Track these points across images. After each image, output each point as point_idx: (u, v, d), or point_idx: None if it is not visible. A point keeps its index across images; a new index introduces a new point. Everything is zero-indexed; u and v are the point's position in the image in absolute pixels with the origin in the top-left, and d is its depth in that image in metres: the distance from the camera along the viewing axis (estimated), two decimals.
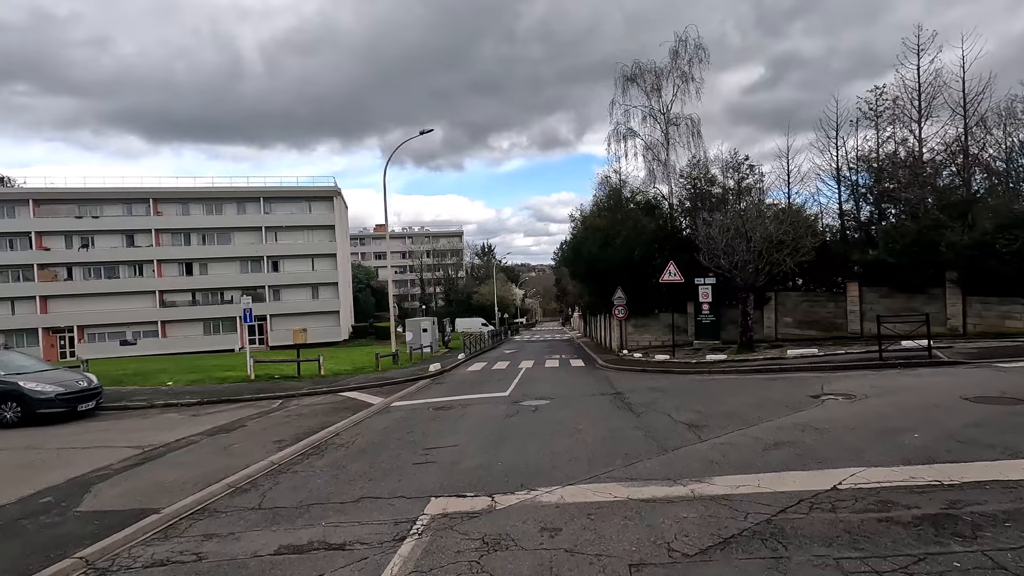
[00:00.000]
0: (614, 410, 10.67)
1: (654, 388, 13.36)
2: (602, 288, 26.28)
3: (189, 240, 54.34)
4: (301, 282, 56.08)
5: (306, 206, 56.78)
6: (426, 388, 16.83)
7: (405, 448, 8.64)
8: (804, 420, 8.34)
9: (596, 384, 15.30)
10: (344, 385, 16.95)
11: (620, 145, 28.42)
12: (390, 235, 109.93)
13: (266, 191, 55.26)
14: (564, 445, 7.94)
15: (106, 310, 51.27)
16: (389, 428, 10.50)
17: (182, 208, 54.03)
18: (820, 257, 19.01)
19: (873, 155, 22.51)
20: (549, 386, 15.28)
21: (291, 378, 18.25)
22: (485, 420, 10.51)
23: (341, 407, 13.39)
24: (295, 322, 55.44)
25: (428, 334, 32.66)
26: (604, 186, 27.92)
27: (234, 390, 15.81)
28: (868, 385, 11.02)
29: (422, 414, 11.83)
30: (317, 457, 8.52)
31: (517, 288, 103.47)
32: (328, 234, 56.74)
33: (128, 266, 52.90)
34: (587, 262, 25.46)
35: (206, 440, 9.97)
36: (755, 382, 13.09)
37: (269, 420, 11.87)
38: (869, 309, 20.86)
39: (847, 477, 5.60)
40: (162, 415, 12.76)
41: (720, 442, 7.46)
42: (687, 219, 26.49)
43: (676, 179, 26.88)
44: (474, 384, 16.92)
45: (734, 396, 11.25)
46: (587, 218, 26.93)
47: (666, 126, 27.54)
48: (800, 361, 15.51)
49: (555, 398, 12.76)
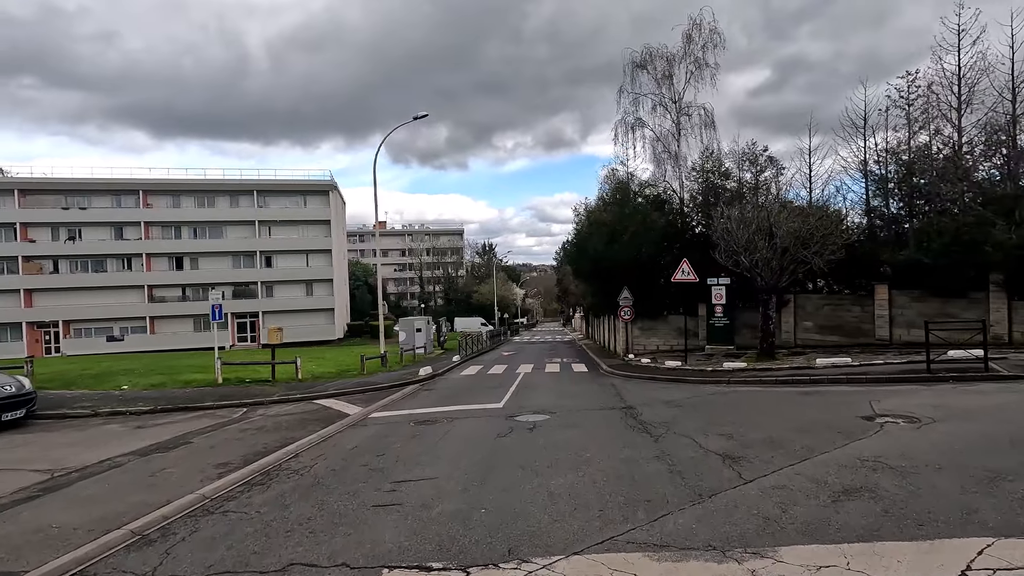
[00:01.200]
0: (626, 430, 8.97)
1: (670, 402, 11.65)
2: (607, 288, 24.58)
3: (180, 233, 52.71)
4: (295, 278, 54.44)
5: (301, 200, 55.12)
6: (412, 396, 15.14)
7: (370, 479, 6.96)
8: (869, 453, 6.64)
9: (602, 394, 13.60)
10: (321, 391, 15.27)
11: (628, 136, 26.72)
12: (389, 231, 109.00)
13: (260, 184, 53.60)
14: (567, 483, 6.25)
15: (93, 305, 49.65)
16: (359, 448, 8.81)
17: (173, 200, 52.39)
18: (845, 257, 17.28)
19: (903, 147, 20.77)
20: (549, 396, 13.60)
21: (264, 382, 16.58)
22: (472, 441, 8.81)
23: (312, 418, 11.72)
24: (288, 320, 53.79)
25: (422, 334, 30.98)
26: (610, 180, 26.24)
27: (195, 396, 14.13)
28: (928, 405, 9.32)
29: (401, 430, 10.15)
30: (261, 489, 6.85)
31: (518, 288, 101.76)
32: (323, 229, 55.07)
33: (116, 259, 51.28)
34: (591, 259, 23.76)
35: (135, 462, 8.29)
36: (787, 397, 11.38)
37: (222, 435, 10.19)
38: (900, 314, 19.15)
39: (975, 556, 3.90)
40: (103, 426, 11.08)
41: (770, 484, 5.76)
42: (699, 215, 24.78)
43: (687, 172, 25.18)
44: (466, 392, 15.24)
45: (768, 415, 9.55)
46: (592, 213, 25.22)
47: (677, 116, 25.82)
48: (832, 372, 13.80)
49: (556, 412, 11.07)
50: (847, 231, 17.42)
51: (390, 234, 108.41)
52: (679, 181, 25.44)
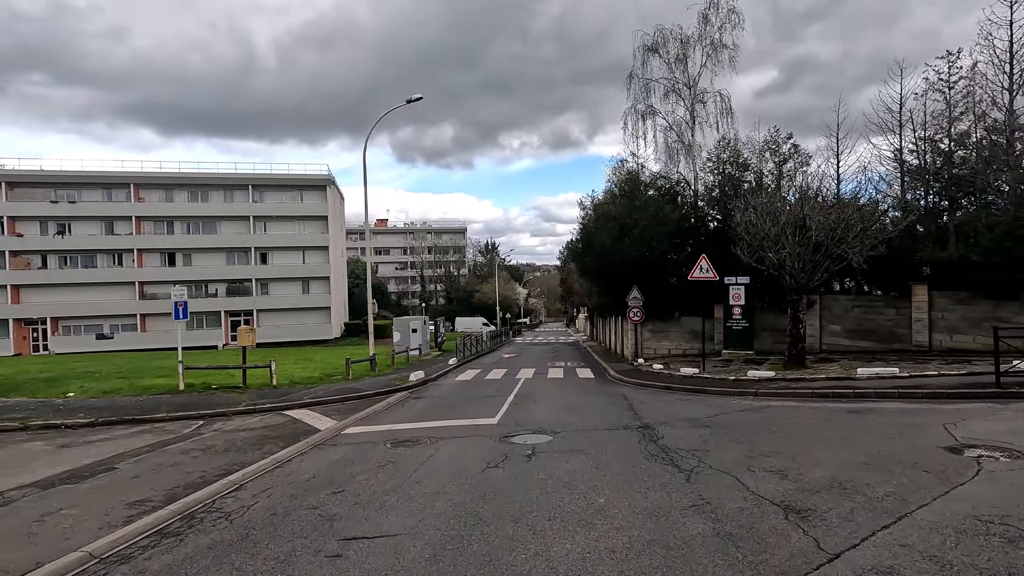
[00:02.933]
0: (647, 461, 7.23)
1: (694, 420, 9.90)
2: (614, 286, 22.85)
3: (172, 228, 51.14)
4: (291, 275, 52.83)
5: (297, 195, 53.49)
6: (397, 406, 13.43)
7: (315, 532, 5.25)
8: (985, 507, 4.89)
9: (612, 407, 11.86)
10: (295, 400, 13.58)
11: (638, 125, 24.94)
12: (391, 229, 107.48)
13: (255, 178, 51.98)
14: (575, 551, 4.52)
15: (82, 301, 48.14)
16: (315, 481, 7.11)
17: (165, 194, 50.82)
18: (884, 253, 15.48)
19: (940, 134, 18.95)
20: (551, 409, 11.86)
21: (233, 389, 14.89)
22: (455, 474, 7.09)
23: (274, 435, 10.02)
24: (284, 318, 52.22)
25: (418, 335, 29.30)
26: (619, 172, 24.46)
27: (148, 406, 12.45)
28: (1022, 431, 7.55)
29: (373, 454, 8.44)
30: (170, 545, 5.15)
31: (521, 287, 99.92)
32: (320, 225, 53.44)
33: (106, 255, 49.75)
34: (598, 256, 21.99)
35: (28, 499, 6.60)
36: (836, 417, 9.61)
37: (158, 458, 8.50)
38: (940, 318, 17.34)
39: None
40: (23, 444, 9.41)
41: (868, 565, 4.00)
42: (715, 209, 23.01)
43: (702, 164, 23.40)
44: (457, 403, 13.51)
45: (821, 442, 7.79)
46: (599, 206, 23.43)
47: (692, 103, 24.03)
48: (878, 384, 12.01)
49: (559, 431, 9.34)
50: (890, 223, 15.50)
51: (391, 232, 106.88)
52: (693, 173, 23.68)
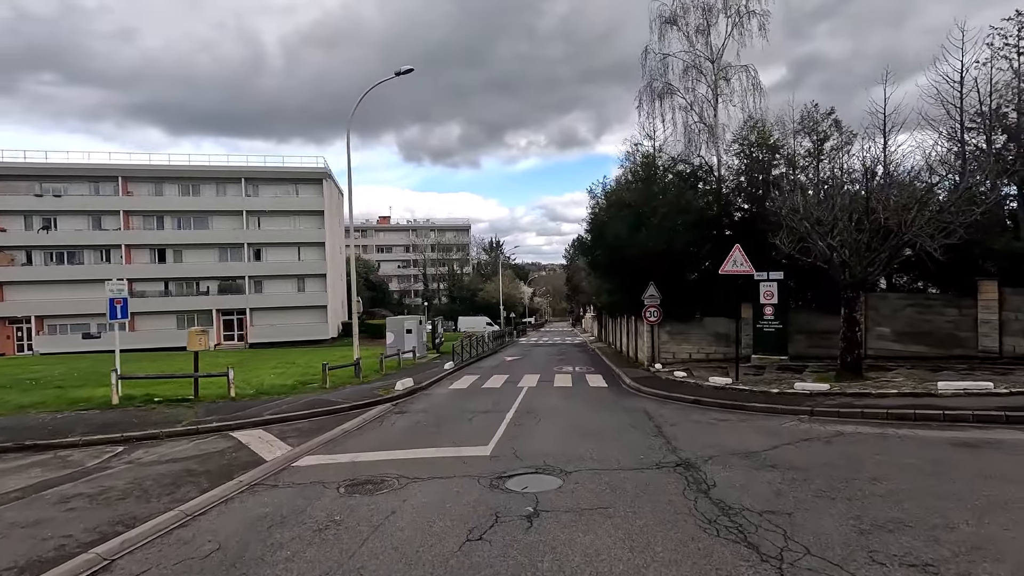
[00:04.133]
0: (705, 537, 4.85)
1: (750, 455, 7.51)
2: (629, 283, 20.46)
3: (162, 224, 49.07)
4: (286, 273, 50.67)
5: (292, 189, 51.30)
6: (373, 425, 11.12)
7: None
8: None
9: (636, 431, 9.50)
10: (252, 416, 11.29)
11: (654, 105, 22.50)
12: (393, 227, 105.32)
13: (248, 171, 49.83)
14: None
15: (68, 299, 46.16)
16: (213, 561, 4.78)
17: (155, 188, 48.75)
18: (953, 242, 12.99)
19: (1009, 107, 16.46)
20: (559, 434, 9.52)
21: (181, 402, 12.61)
22: (416, 555, 4.74)
23: (201, 469, 7.73)
24: (278, 317, 50.11)
25: (413, 336, 27.01)
26: (633, 157, 22.02)
27: (62, 425, 10.19)
28: None
29: (317, 506, 6.12)
30: None
31: (525, 286, 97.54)
32: (316, 220, 51.25)
33: (93, 251, 47.74)
34: (611, 248, 19.58)
35: None
36: (943, 454, 7.19)
37: (22, 511, 6.20)
38: (1014, 319, 14.85)
39: None
40: None
41: None
42: (740, 197, 20.57)
43: (726, 146, 20.95)
44: (445, 420, 11.18)
45: (958, 503, 5.37)
46: (613, 192, 20.97)
47: (715, 79, 21.59)
48: (972, 404, 9.56)
49: (570, 471, 7.00)
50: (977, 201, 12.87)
51: (393, 229, 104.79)
52: (716, 157, 21.24)
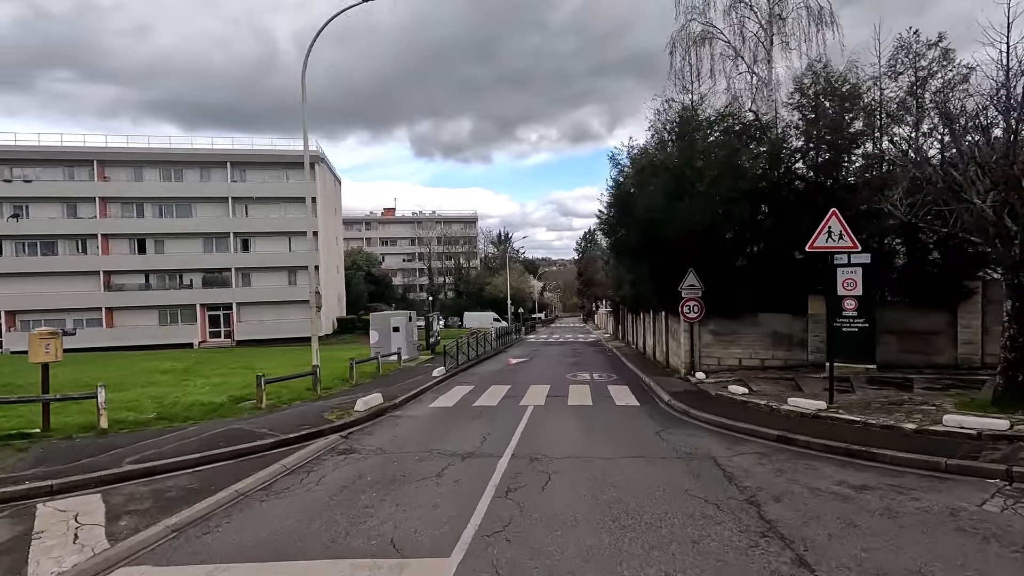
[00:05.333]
0: None
1: None
2: (662, 269, 16.31)
3: (142, 211, 45.51)
4: (275, 265, 46.96)
5: (282, 174, 47.51)
6: (288, 482, 7.08)
7: None
8: None
9: (721, 518, 5.38)
10: (102, 467, 7.31)
11: (691, 53, 18.26)
12: (398, 219, 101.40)
13: (234, 155, 46.07)
14: None
15: (41, 293, 42.81)
16: None
17: (134, 173, 45.15)
18: None
19: None
20: (582, 507, 5.47)
21: (15, 438, 8.64)
22: None
23: None
24: (268, 312, 46.48)
25: (401, 335, 23.00)
26: (664, 114, 17.70)
27: None
28: None
29: None
30: None
31: (535, 279, 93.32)
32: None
33: (68, 241, 44.27)
34: (642, 225, 15.34)
35: None
36: None
37: None
38: None
39: None
40: None
41: None
42: (802, 161, 16.26)
43: (785, 99, 16.63)
44: (397, 480, 7.08)
45: None
46: (642, 155, 16.59)
47: (769, 16, 17.29)
48: None
49: None
50: None
51: (398, 221, 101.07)
52: (772, 113, 16.94)
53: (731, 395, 12.13)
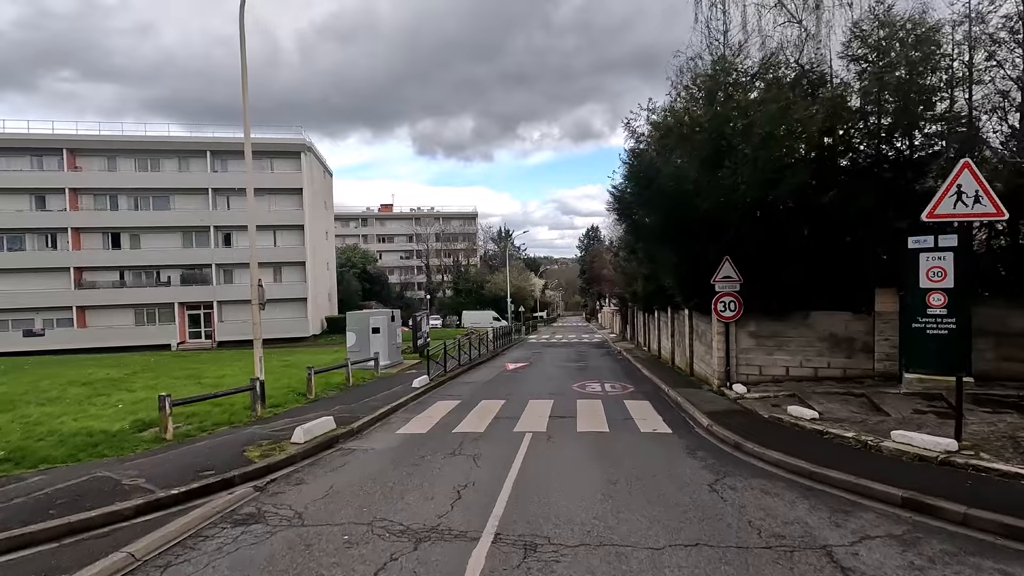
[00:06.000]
0: None
1: None
2: (689, 257, 13.33)
3: (116, 204, 42.54)
4: (259, 260, 43.81)
5: (267, 163, 44.46)
6: None
7: None
8: None
9: None
10: None
11: None
12: (395, 215, 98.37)
13: (214, 143, 43.04)
14: None
15: (7, 290, 39.91)
16: None
17: (107, 162, 42.18)
18: None
19: None
20: None
21: None
22: None
23: None
24: (250, 312, 43.40)
25: (381, 336, 20.02)
26: (690, 71, 14.61)
27: None
28: None
29: None
30: None
31: (537, 277, 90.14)
32: (294, 200, 44.43)
33: (36, 235, 41.29)
34: (667, 201, 12.22)
35: None
36: None
37: None
38: None
39: None
40: None
41: None
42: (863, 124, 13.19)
43: (840, 49, 13.55)
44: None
45: None
46: (669, 115, 13.37)
47: None
48: None
49: None
50: None
51: (396, 217, 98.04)
52: (824, 68, 13.88)
53: (794, 419, 9.16)
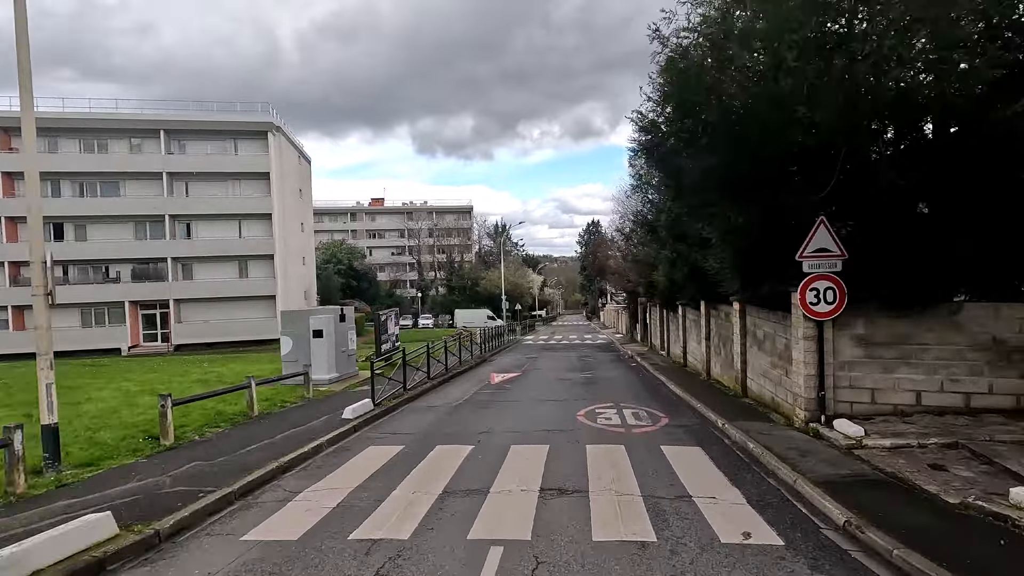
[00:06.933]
0: None
1: None
2: (753, 217, 8.56)
3: (58, 190, 37.77)
4: (222, 253, 39.11)
5: (230, 144, 39.67)
6: None
7: None
8: None
9: None
10: None
11: None
12: (386, 209, 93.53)
13: (170, 122, 38.27)
14: None
15: None
16: None
17: (47, 143, 37.29)
18: None
19: None
20: None
21: None
22: None
23: None
24: (213, 311, 38.72)
25: (325, 343, 15.20)
26: None
27: None
28: None
29: None
30: None
31: (535, 273, 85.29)
32: (262, 185, 39.64)
33: None
34: (744, 119, 7.40)
35: None
36: None
37: None
38: None
39: None
40: None
41: None
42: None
43: None
44: None
45: None
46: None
47: None
48: None
49: None
50: None
51: (386, 212, 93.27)
52: None
53: (996, 515, 4.42)
